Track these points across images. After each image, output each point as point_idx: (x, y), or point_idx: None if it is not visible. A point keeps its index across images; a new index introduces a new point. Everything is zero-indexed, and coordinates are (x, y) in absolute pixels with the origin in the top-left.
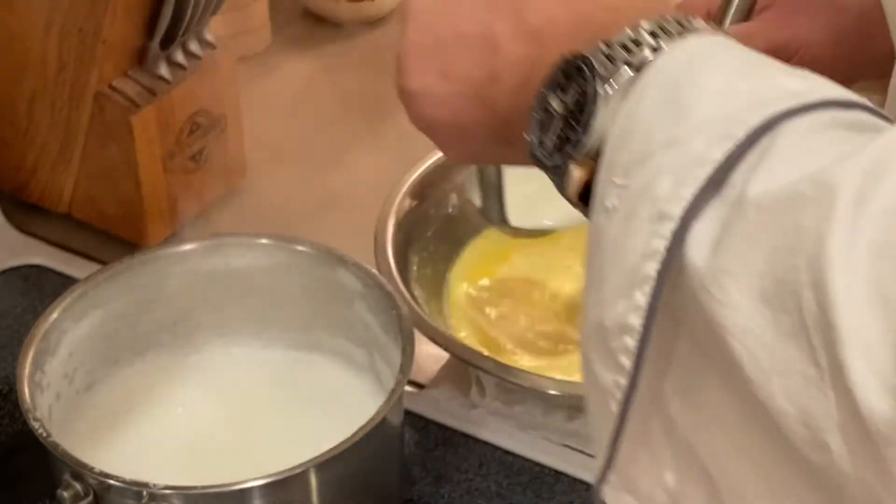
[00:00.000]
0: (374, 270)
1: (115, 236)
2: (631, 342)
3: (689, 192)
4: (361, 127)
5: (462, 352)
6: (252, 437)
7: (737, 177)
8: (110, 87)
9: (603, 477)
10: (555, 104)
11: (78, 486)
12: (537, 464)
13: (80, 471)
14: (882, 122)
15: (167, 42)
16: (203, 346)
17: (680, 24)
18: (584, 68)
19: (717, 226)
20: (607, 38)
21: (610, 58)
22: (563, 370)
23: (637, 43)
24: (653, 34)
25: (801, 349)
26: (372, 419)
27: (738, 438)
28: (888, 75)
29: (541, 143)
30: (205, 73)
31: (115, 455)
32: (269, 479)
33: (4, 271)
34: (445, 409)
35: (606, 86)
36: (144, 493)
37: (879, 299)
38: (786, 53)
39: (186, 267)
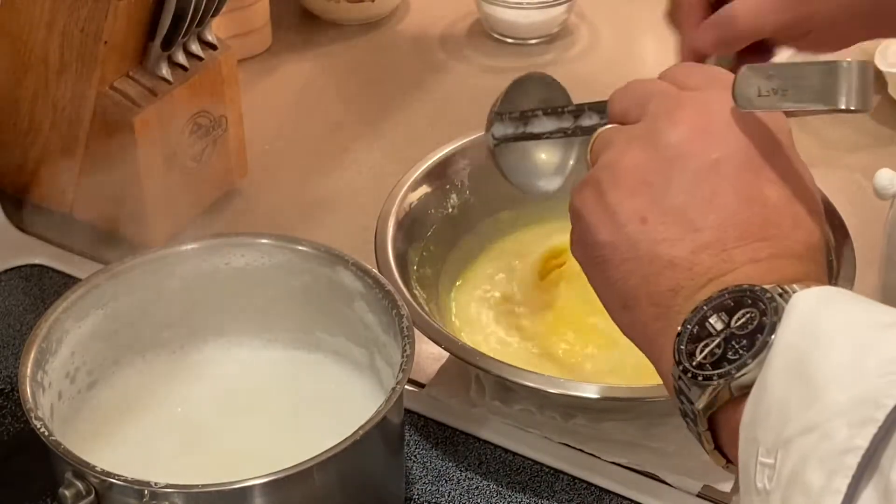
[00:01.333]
0: (375, 270)
1: (116, 236)
2: None
3: (842, 484)
4: (361, 127)
5: (462, 352)
6: (252, 436)
7: (885, 461)
8: (112, 87)
9: None
10: (716, 324)
11: (79, 485)
12: (537, 462)
13: (81, 470)
14: None
15: (168, 43)
16: (204, 346)
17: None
18: (764, 301)
19: None
20: (782, 283)
21: (784, 296)
22: (564, 369)
23: (773, 293)
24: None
25: None
26: (372, 419)
27: None
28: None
29: (690, 353)
30: (206, 73)
31: (117, 454)
32: (269, 478)
33: (6, 271)
34: (445, 409)
35: (779, 324)
36: (146, 491)
37: None
38: (803, 26)
39: (187, 267)
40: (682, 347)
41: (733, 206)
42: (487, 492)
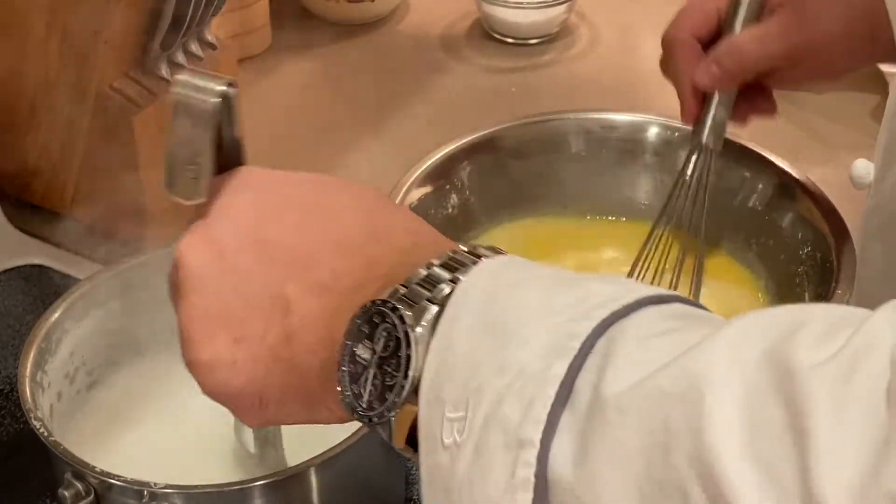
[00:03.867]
0: None
1: (116, 236)
2: None
3: (542, 414)
4: (361, 127)
5: None
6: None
7: (582, 384)
8: (111, 87)
9: None
10: (363, 354)
11: (79, 486)
12: None
13: (81, 470)
14: (698, 310)
15: (168, 43)
16: None
17: (472, 254)
18: (388, 313)
19: (574, 436)
20: (405, 280)
21: (411, 298)
22: None
23: (434, 279)
24: (446, 267)
25: None
26: None
27: None
28: (891, 61)
29: (357, 395)
30: None
31: (117, 454)
32: (269, 479)
33: (6, 271)
34: None
35: (418, 327)
36: (145, 492)
37: (769, 481)
38: (804, 52)
39: None
40: (348, 393)
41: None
42: None
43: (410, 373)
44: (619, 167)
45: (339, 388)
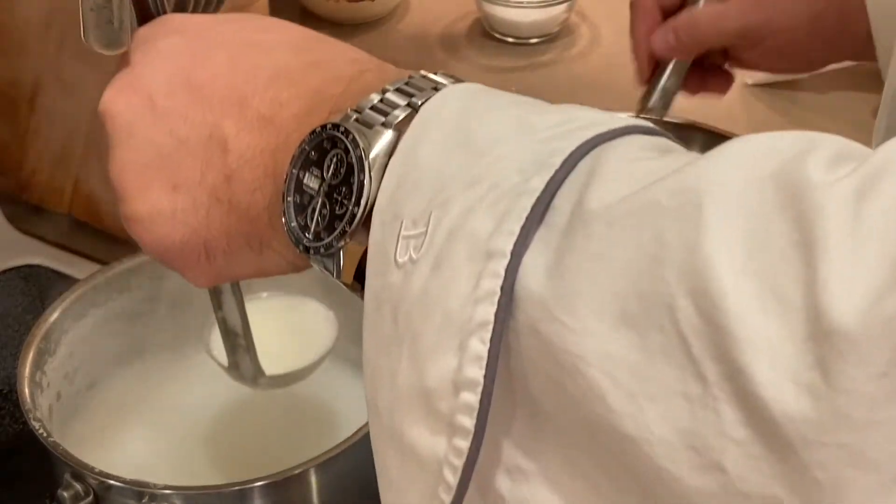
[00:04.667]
0: None
1: (115, 236)
2: (472, 397)
3: (516, 226)
4: None
5: None
6: (252, 437)
7: (560, 202)
8: None
9: None
10: (311, 182)
11: (78, 486)
12: None
13: (80, 471)
14: (682, 148)
15: None
16: (203, 347)
17: (427, 79)
18: (340, 137)
19: (548, 252)
20: (356, 105)
21: (364, 123)
22: None
23: (389, 104)
24: (401, 92)
25: (679, 367)
26: None
27: (597, 485)
28: (864, 58)
29: (304, 227)
30: None
31: (116, 455)
32: (269, 479)
33: (5, 271)
34: None
35: (372, 151)
36: (145, 492)
37: (771, 295)
38: (760, 35)
39: None
40: (293, 224)
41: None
42: None
43: (363, 200)
44: None
45: (283, 220)
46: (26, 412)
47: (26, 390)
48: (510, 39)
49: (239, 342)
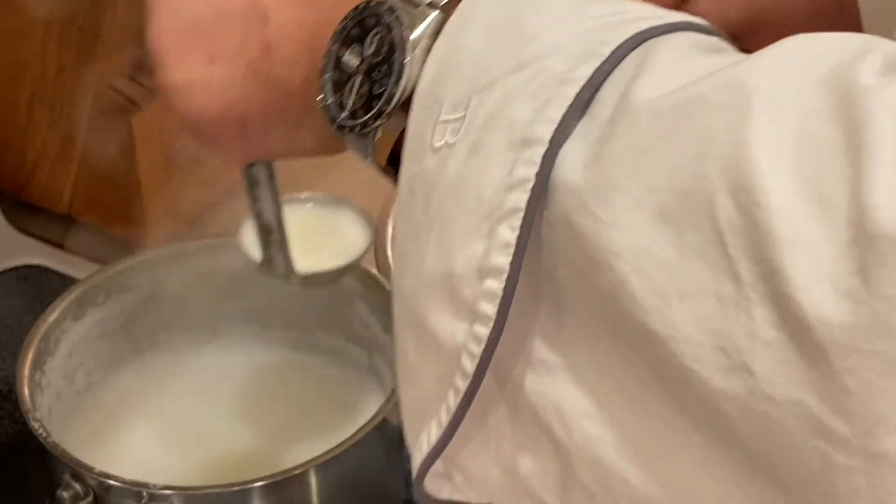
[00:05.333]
0: (374, 271)
1: (114, 236)
2: (496, 284)
3: (557, 114)
4: None
5: None
6: (252, 437)
7: (606, 94)
8: (110, 87)
9: (428, 467)
10: (351, 60)
11: (78, 487)
12: None
13: (79, 471)
14: (734, 48)
15: None
16: (202, 346)
17: None
18: (384, 14)
19: (590, 144)
20: None
21: (410, 1)
22: None
23: None
24: None
25: (713, 265)
26: (372, 419)
27: (618, 386)
28: None
29: (340, 104)
30: None
31: (115, 455)
32: (269, 480)
33: (4, 272)
34: None
35: (416, 30)
36: (144, 493)
37: (815, 197)
38: (764, 23)
39: (186, 267)
40: (329, 102)
41: None
42: None
43: (402, 80)
44: None
45: (319, 98)
46: (26, 412)
47: (26, 390)
48: None
49: (273, 238)
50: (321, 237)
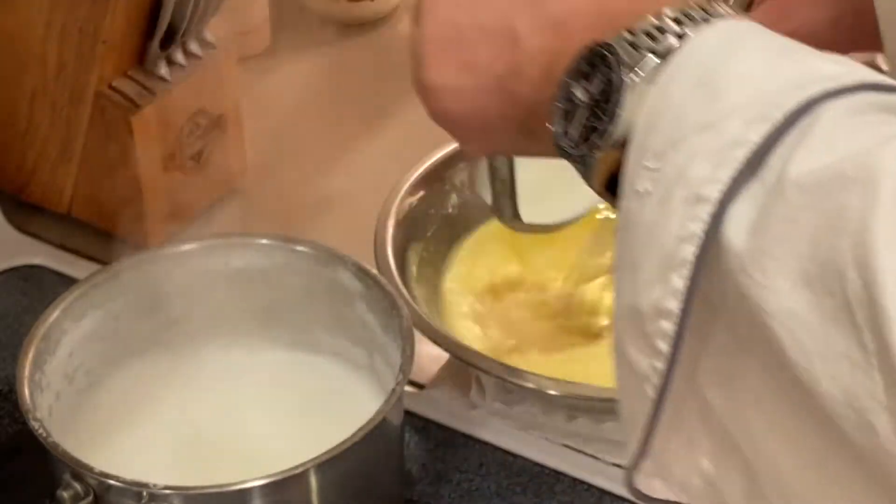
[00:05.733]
0: (374, 270)
1: (115, 236)
2: (669, 326)
3: (726, 175)
4: (361, 127)
5: (462, 352)
6: (252, 437)
7: (774, 159)
8: (110, 87)
9: (636, 465)
10: (579, 94)
11: (78, 487)
12: (537, 464)
13: (79, 471)
14: None
15: (167, 42)
16: (203, 347)
17: (704, 10)
18: (608, 56)
19: (755, 208)
20: (630, 26)
21: (634, 45)
22: (563, 369)
23: (661, 30)
24: (677, 21)
25: (845, 332)
26: (372, 419)
27: (778, 422)
28: (880, 49)
29: (566, 133)
30: (205, 73)
31: (115, 455)
32: (269, 479)
33: (4, 271)
34: (445, 410)
35: (632, 74)
36: (144, 493)
37: None
38: (781, 29)
39: (186, 267)
40: (557, 129)
41: None
42: (487, 493)
43: (617, 119)
44: None
45: (549, 124)
46: (26, 412)
47: (26, 390)
48: None
49: (504, 188)
50: (550, 191)
